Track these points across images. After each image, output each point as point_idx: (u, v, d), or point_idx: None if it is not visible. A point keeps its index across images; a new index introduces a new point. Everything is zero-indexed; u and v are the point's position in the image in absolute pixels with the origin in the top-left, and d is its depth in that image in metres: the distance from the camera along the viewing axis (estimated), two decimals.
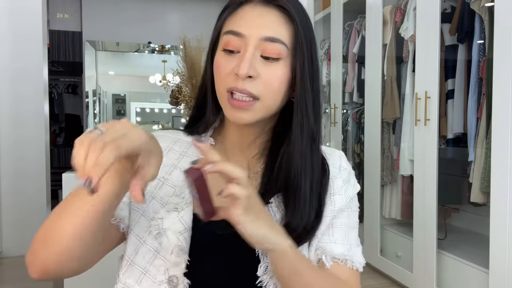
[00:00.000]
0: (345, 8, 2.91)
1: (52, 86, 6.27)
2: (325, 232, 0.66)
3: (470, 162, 1.93)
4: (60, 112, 6.50)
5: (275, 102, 0.63)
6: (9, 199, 3.27)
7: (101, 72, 5.86)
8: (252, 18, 0.61)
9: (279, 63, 0.61)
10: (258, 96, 0.60)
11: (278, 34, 0.60)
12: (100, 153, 0.40)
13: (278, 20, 0.61)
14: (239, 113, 0.61)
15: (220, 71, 0.62)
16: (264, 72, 0.60)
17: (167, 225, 0.60)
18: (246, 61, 0.59)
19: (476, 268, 1.84)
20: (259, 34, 0.60)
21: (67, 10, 5.36)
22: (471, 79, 1.93)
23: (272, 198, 0.64)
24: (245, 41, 0.60)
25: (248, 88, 0.59)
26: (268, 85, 0.61)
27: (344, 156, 0.76)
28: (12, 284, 2.71)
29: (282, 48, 0.60)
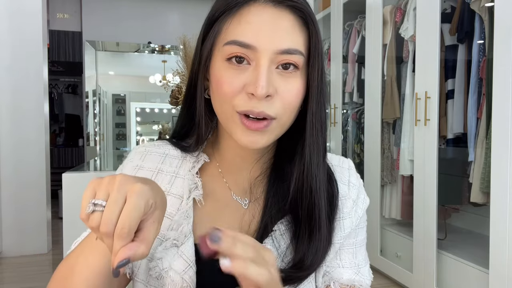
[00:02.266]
0: (345, 8, 2.91)
1: (52, 86, 6.27)
2: (333, 257, 0.62)
3: (470, 162, 1.93)
4: (60, 112, 6.50)
5: (291, 120, 0.55)
6: (9, 199, 3.28)
7: (101, 72, 5.86)
8: (262, 24, 0.51)
9: (297, 74, 0.53)
10: (276, 116, 0.52)
11: (296, 43, 0.52)
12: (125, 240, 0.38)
13: (293, 26, 0.52)
14: (254, 136, 0.52)
15: (226, 87, 0.51)
16: (281, 87, 0.52)
17: (167, 265, 0.54)
18: (263, 78, 0.49)
19: (476, 268, 1.84)
20: (274, 47, 0.51)
21: (67, 10, 5.37)
22: (471, 79, 1.93)
23: (277, 224, 0.58)
24: (256, 54, 0.51)
25: (265, 110, 0.51)
26: (286, 101, 0.52)
27: (353, 167, 0.68)
28: (12, 284, 2.71)
29: (299, 58, 0.52)
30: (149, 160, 0.62)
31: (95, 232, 0.39)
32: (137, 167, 0.61)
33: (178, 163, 0.62)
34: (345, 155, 3.04)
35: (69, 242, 2.03)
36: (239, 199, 0.62)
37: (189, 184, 0.59)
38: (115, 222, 0.38)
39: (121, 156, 4.02)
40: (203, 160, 0.61)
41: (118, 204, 0.38)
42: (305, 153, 0.57)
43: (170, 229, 0.57)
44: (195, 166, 0.61)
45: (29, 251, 3.29)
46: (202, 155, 0.62)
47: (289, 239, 0.57)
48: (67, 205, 2.06)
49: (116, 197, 0.38)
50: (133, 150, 0.65)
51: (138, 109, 6.88)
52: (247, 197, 0.62)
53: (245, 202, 0.62)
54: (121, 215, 0.38)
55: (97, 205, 0.39)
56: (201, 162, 0.61)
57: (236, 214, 0.61)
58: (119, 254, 0.38)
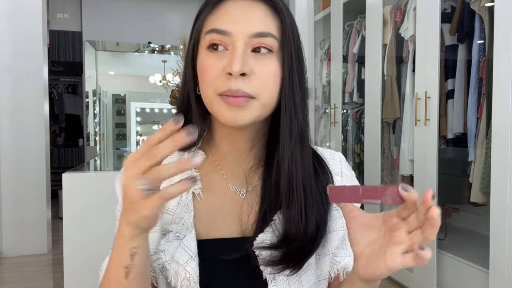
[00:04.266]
0: (345, 8, 2.91)
1: (52, 86, 6.27)
2: (340, 246, 0.63)
3: (470, 162, 1.93)
4: (60, 112, 6.50)
5: (271, 100, 0.57)
6: (9, 199, 3.28)
7: (101, 72, 5.87)
8: (236, 13, 0.56)
9: (272, 56, 0.56)
10: (254, 95, 0.55)
11: (267, 27, 0.56)
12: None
13: (265, 13, 0.57)
14: (236, 111, 0.55)
15: (207, 73, 0.56)
16: (257, 68, 0.55)
17: (169, 257, 0.56)
18: (237, 57, 0.53)
19: (476, 268, 1.84)
20: (248, 31, 0.55)
21: (67, 10, 5.37)
22: (471, 79, 1.93)
23: (276, 214, 0.59)
24: (232, 39, 0.55)
25: (242, 88, 0.54)
26: (264, 82, 0.56)
27: (344, 160, 0.71)
28: (12, 284, 2.71)
29: (273, 41, 0.56)
30: None
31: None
32: None
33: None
34: (345, 155, 3.05)
35: (69, 242, 2.03)
36: (237, 190, 0.63)
37: None
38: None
39: (121, 156, 4.02)
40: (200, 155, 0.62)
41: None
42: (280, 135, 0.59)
43: (172, 223, 0.59)
44: None
45: (29, 251, 3.29)
46: (198, 151, 0.64)
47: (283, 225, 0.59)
48: (67, 205, 2.06)
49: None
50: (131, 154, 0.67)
51: (138, 109, 6.88)
52: (244, 187, 0.63)
53: (242, 192, 0.63)
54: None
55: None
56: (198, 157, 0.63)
57: (235, 204, 0.63)
58: None
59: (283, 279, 0.58)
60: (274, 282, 0.57)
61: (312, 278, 0.61)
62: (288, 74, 0.57)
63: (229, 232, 0.61)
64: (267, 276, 0.57)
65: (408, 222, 0.45)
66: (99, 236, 1.93)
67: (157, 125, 6.82)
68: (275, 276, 0.57)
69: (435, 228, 0.42)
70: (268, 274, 0.57)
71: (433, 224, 0.42)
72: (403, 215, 0.46)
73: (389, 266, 0.45)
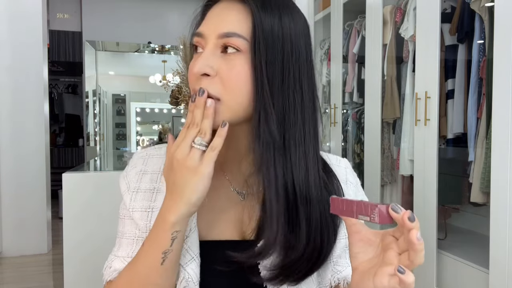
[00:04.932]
0: (345, 8, 2.91)
1: (52, 86, 6.27)
2: (342, 255, 0.63)
3: (470, 162, 1.93)
4: (60, 112, 6.51)
5: (240, 103, 0.55)
6: (9, 199, 3.28)
7: (101, 72, 5.87)
8: (213, 16, 0.58)
9: (239, 57, 0.55)
10: (218, 96, 0.54)
11: (236, 28, 0.55)
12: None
13: (238, 14, 0.56)
14: None
15: (189, 73, 0.58)
16: (222, 68, 0.54)
17: None
18: (201, 58, 0.55)
19: (476, 268, 1.84)
20: (216, 31, 0.56)
21: (67, 10, 5.37)
22: (471, 79, 1.93)
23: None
24: (205, 40, 0.57)
25: (204, 86, 0.54)
26: (228, 83, 0.54)
27: (349, 166, 0.70)
28: (12, 284, 2.71)
29: (240, 41, 0.54)
30: (152, 164, 0.65)
31: None
32: (141, 172, 0.64)
33: None
34: (345, 155, 3.05)
35: (69, 242, 2.03)
36: (237, 191, 0.63)
37: None
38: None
39: (121, 156, 4.02)
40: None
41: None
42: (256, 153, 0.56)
43: None
44: None
45: (29, 251, 3.29)
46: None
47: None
48: (67, 205, 2.06)
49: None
50: (135, 155, 0.67)
51: (138, 109, 6.88)
52: (244, 190, 0.63)
53: (242, 194, 0.63)
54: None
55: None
56: None
57: (236, 206, 0.63)
58: None
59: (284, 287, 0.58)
60: None
61: (313, 285, 0.60)
62: (260, 77, 0.54)
63: (230, 234, 0.61)
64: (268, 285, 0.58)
65: (399, 243, 0.45)
66: (99, 236, 1.93)
67: (157, 125, 6.82)
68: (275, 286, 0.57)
69: (417, 253, 0.41)
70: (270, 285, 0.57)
71: (414, 249, 0.41)
72: (396, 235, 0.46)
73: (376, 286, 0.45)
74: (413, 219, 0.41)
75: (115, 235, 0.65)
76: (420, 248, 0.42)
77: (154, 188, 0.62)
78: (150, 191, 0.62)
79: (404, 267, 0.42)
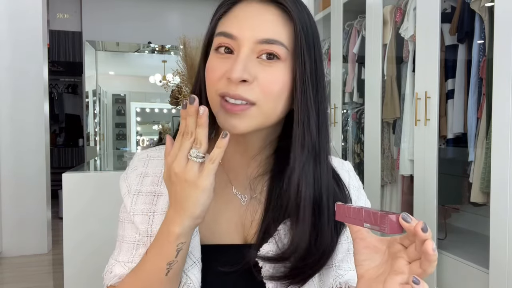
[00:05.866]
0: (345, 8, 2.91)
1: (52, 86, 6.27)
2: (344, 259, 0.63)
3: (470, 162, 1.93)
4: (60, 112, 6.51)
5: (274, 109, 0.55)
6: (9, 199, 3.28)
7: (101, 72, 5.87)
8: (246, 17, 0.54)
9: (279, 65, 0.54)
10: (254, 101, 0.53)
11: (277, 35, 0.54)
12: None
13: (276, 19, 0.54)
14: (233, 119, 0.54)
15: (211, 74, 0.55)
16: (261, 74, 0.53)
17: None
18: (239, 63, 0.52)
19: (476, 268, 1.84)
20: (254, 37, 0.53)
21: (67, 10, 5.37)
22: (471, 79, 1.93)
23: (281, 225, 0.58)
24: (237, 43, 0.54)
25: (241, 93, 0.52)
26: (266, 88, 0.53)
27: (352, 169, 0.70)
28: (12, 284, 2.71)
29: (281, 49, 0.54)
30: (153, 166, 0.63)
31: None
32: (141, 175, 0.63)
33: None
34: (345, 155, 3.05)
35: (69, 242, 2.03)
36: (240, 195, 0.63)
37: None
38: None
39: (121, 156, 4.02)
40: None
41: None
42: (292, 147, 0.57)
43: None
44: None
45: (29, 251, 3.29)
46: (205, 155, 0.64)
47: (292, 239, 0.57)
48: (67, 205, 2.06)
49: None
50: (135, 157, 0.66)
51: (138, 109, 6.88)
52: (247, 194, 0.63)
53: (245, 199, 0.62)
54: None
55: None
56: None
57: (238, 210, 0.62)
58: None
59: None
60: None
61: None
62: (301, 85, 0.55)
63: (231, 238, 0.61)
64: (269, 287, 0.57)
65: (408, 252, 0.44)
66: (99, 236, 1.93)
67: (157, 125, 6.82)
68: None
69: (431, 263, 0.41)
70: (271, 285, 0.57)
71: (428, 260, 0.41)
72: (405, 243, 0.45)
73: None
74: (426, 230, 0.41)
75: (115, 235, 0.65)
76: (435, 258, 0.41)
77: (155, 191, 0.61)
78: (152, 194, 0.61)
79: (418, 278, 0.42)
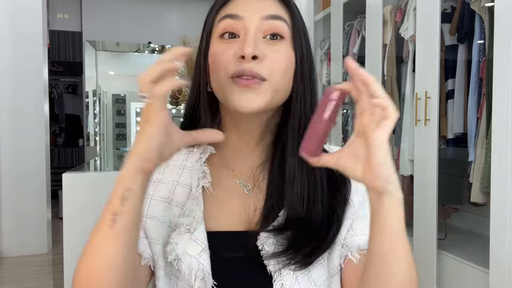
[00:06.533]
0: (345, 8, 2.91)
1: (52, 86, 6.27)
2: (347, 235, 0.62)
3: (470, 162, 1.93)
4: (60, 112, 6.51)
5: (283, 85, 0.58)
6: (9, 199, 3.28)
7: (101, 72, 5.87)
8: (248, 2, 0.58)
9: (284, 43, 0.58)
10: (266, 77, 0.55)
11: (279, 12, 0.58)
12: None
13: (276, 3, 0.59)
14: (248, 95, 0.55)
15: (219, 58, 0.56)
16: (269, 52, 0.56)
17: (182, 249, 0.57)
18: (249, 40, 0.54)
19: (476, 268, 1.84)
20: (260, 13, 0.56)
21: (67, 10, 5.37)
22: (471, 79, 1.93)
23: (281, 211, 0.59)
24: (244, 23, 0.56)
25: (255, 69, 0.54)
26: (276, 65, 0.56)
27: None
28: (12, 284, 2.71)
29: (285, 26, 0.58)
30: None
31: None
32: None
33: (184, 157, 0.66)
34: None
35: (69, 242, 2.03)
36: (243, 184, 0.64)
37: (197, 173, 0.62)
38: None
39: (121, 156, 4.02)
40: (210, 151, 0.65)
41: None
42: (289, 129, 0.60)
43: (182, 216, 0.60)
44: (202, 156, 0.64)
45: (29, 251, 3.29)
46: (208, 147, 0.65)
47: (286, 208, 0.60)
48: (67, 205, 2.06)
49: None
50: None
51: (138, 109, 6.87)
52: (250, 183, 0.64)
53: (248, 187, 0.64)
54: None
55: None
56: (207, 152, 0.64)
57: (242, 199, 0.63)
58: None
59: (289, 273, 0.56)
60: (280, 277, 0.56)
61: (324, 273, 0.60)
62: (300, 62, 0.59)
63: (236, 225, 0.62)
64: (272, 270, 0.57)
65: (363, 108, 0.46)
66: None
67: None
68: (281, 271, 0.56)
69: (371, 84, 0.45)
70: (273, 267, 0.56)
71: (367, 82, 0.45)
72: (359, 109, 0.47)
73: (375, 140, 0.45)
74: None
75: None
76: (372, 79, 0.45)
77: (157, 178, 0.64)
78: (152, 181, 0.63)
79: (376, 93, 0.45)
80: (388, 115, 0.46)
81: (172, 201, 0.62)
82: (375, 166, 0.45)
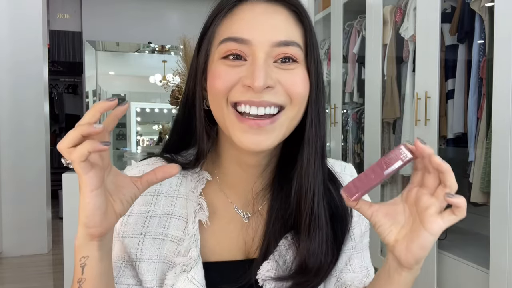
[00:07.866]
0: (345, 8, 2.91)
1: (52, 86, 6.27)
2: (344, 269, 0.62)
3: (470, 162, 1.93)
4: (60, 112, 6.51)
5: (298, 113, 0.52)
6: (9, 199, 3.28)
7: (101, 72, 5.87)
8: (255, 19, 0.50)
9: (296, 67, 0.51)
10: (282, 104, 0.49)
11: (291, 36, 0.50)
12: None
13: (287, 19, 0.51)
14: (257, 136, 0.49)
15: (221, 83, 0.49)
16: (283, 78, 0.49)
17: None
18: (259, 70, 0.47)
19: (476, 268, 1.84)
20: (269, 40, 0.49)
21: (67, 10, 5.37)
22: (471, 79, 1.93)
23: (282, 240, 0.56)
24: (251, 48, 0.49)
25: (268, 98, 0.48)
26: (291, 90, 0.50)
27: (355, 173, 0.66)
28: (12, 284, 2.71)
29: (297, 51, 0.50)
30: None
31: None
32: None
33: (177, 182, 0.59)
34: (345, 155, 3.05)
35: (69, 242, 2.03)
36: (241, 212, 0.61)
37: (193, 205, 0.58)
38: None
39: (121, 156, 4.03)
40: (205, 178, 0.59)
41: None
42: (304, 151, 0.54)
43: (178, 255, 0.56)
44: (197, 186, 0.59)
45: (29, 251, 3.29)
46: (203, 173, 0.59)
47: (295, 253, 0.56)
48: (67, 205, 2.06)
49: None
50: (126, 172, 0.61)
51: (138, 109, 6.87)
52: (249, 211, 0.60)
53: (247, 216, 0.60)
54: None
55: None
56: (203, 181, 0.59)
57: (240, 227, 0.60)
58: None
59: None
60: None
61: None
62: (316, 86, 0.52)
63: (234, 255, 0.59)
64: None
65: (426, 184, 0.44)
66: None
67: (157, 125, 6.82)
68: None
69: (446, 173, 0.41)
70: None
71: (442, 170, 0.41)
72: (418, 179, 0.44)
73: (433, 230, 0.44)
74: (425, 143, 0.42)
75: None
76: (448, 168, 0.41)
77: (148, 211, 0.57)
78: (144, 215, 0.57)
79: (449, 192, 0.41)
80: (459, 214, 0.43)
81: (166, 236, 0.57)
82: (417, 247, 0.44)
